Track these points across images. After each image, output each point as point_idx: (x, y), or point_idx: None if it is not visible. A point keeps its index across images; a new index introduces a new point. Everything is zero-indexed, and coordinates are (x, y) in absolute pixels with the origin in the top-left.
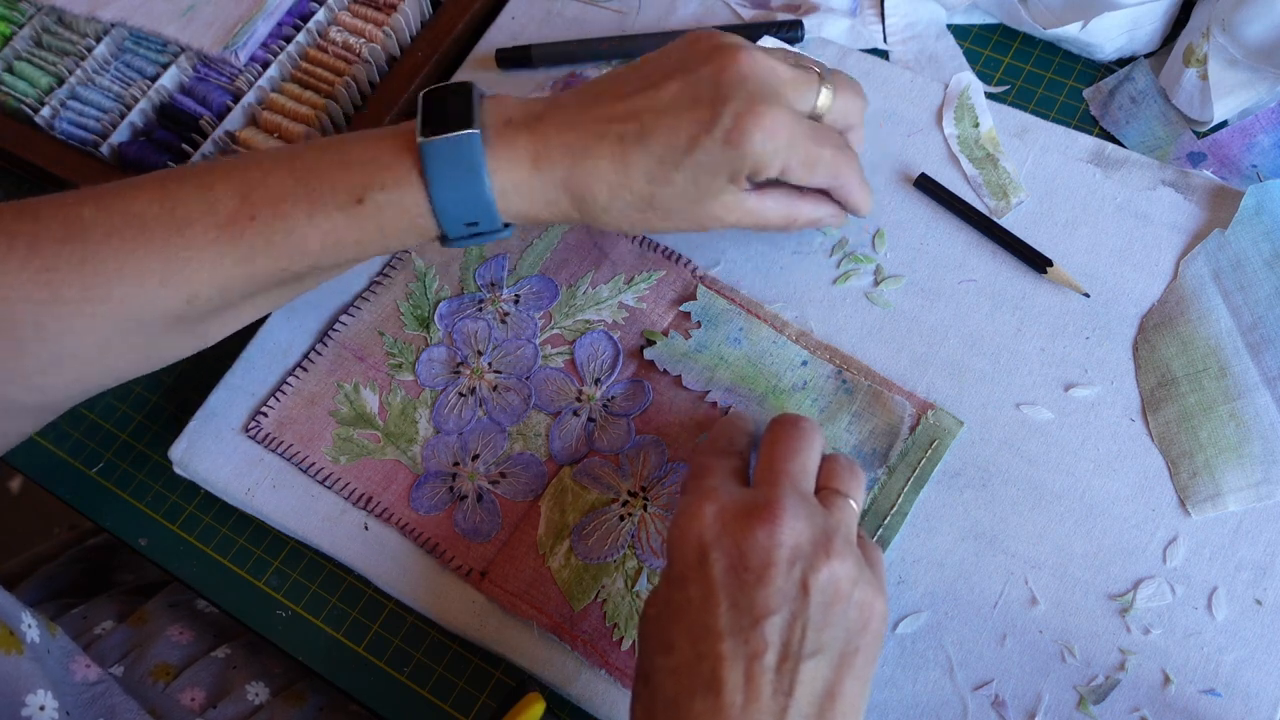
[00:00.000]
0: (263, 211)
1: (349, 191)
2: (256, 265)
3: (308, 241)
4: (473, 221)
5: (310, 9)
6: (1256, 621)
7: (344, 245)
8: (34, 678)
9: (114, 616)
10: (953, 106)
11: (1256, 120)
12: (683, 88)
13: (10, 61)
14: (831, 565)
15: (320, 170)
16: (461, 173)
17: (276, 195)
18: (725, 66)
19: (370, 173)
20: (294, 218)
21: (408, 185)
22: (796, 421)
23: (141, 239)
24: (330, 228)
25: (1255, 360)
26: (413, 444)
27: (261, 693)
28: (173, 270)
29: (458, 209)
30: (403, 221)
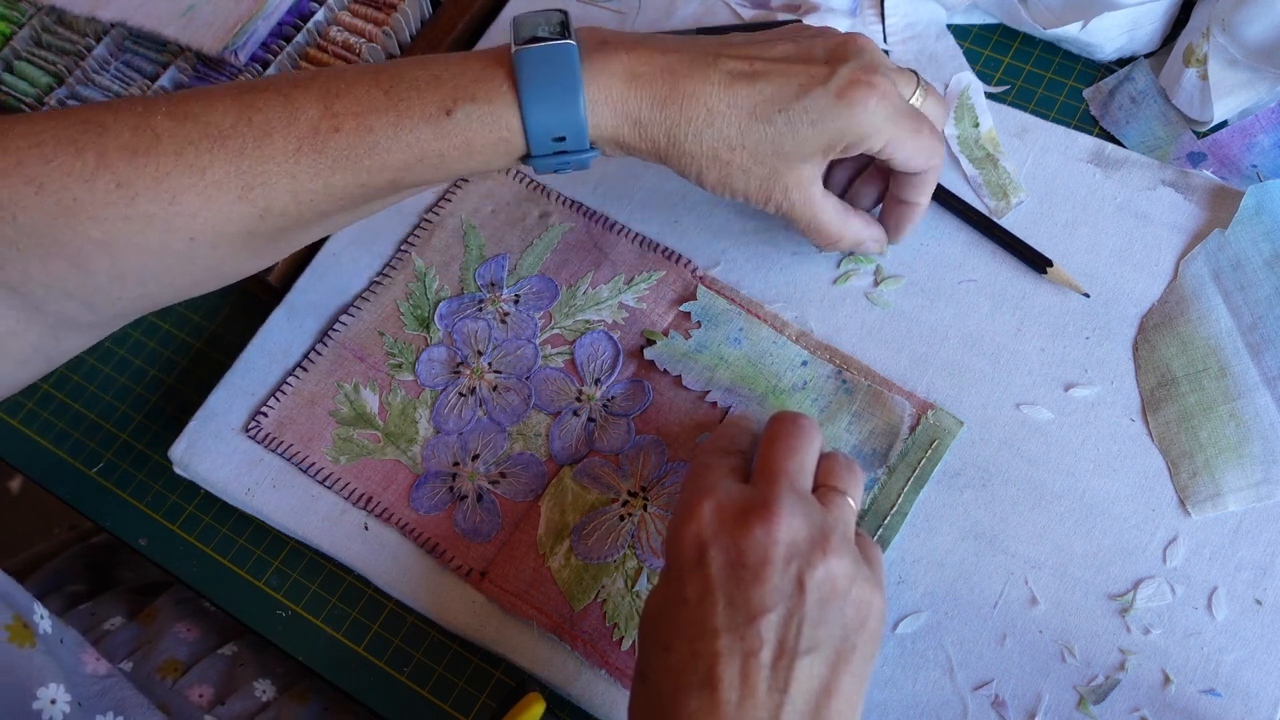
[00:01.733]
0: (347, 123)
1: (439, 104)
2: (336, 179)
3: (391, 155)
4: (560, 136)
5: (310, 9)
6: (1256, 621)
7: (427, 160)
8: (46, 670)
9: (123, 613)
10: (953, 106)
11: (1256, 120)
12: (797, 48)
13: (10, 61)
14: (828, 563)
15: (408, 82)
16: (555, 81)
17: (363, 106)
18: (841, 39)
19: (461, 85)
20: (380, 130)
21: (499, 96)
22: (795, 419)
23: (219, 150)
24: (415, 140)
25: (1255, 360)
26: (413, 444)
27: (269, 690)
28: (251, 183)
29: (548, 121)
30: (491, 135)
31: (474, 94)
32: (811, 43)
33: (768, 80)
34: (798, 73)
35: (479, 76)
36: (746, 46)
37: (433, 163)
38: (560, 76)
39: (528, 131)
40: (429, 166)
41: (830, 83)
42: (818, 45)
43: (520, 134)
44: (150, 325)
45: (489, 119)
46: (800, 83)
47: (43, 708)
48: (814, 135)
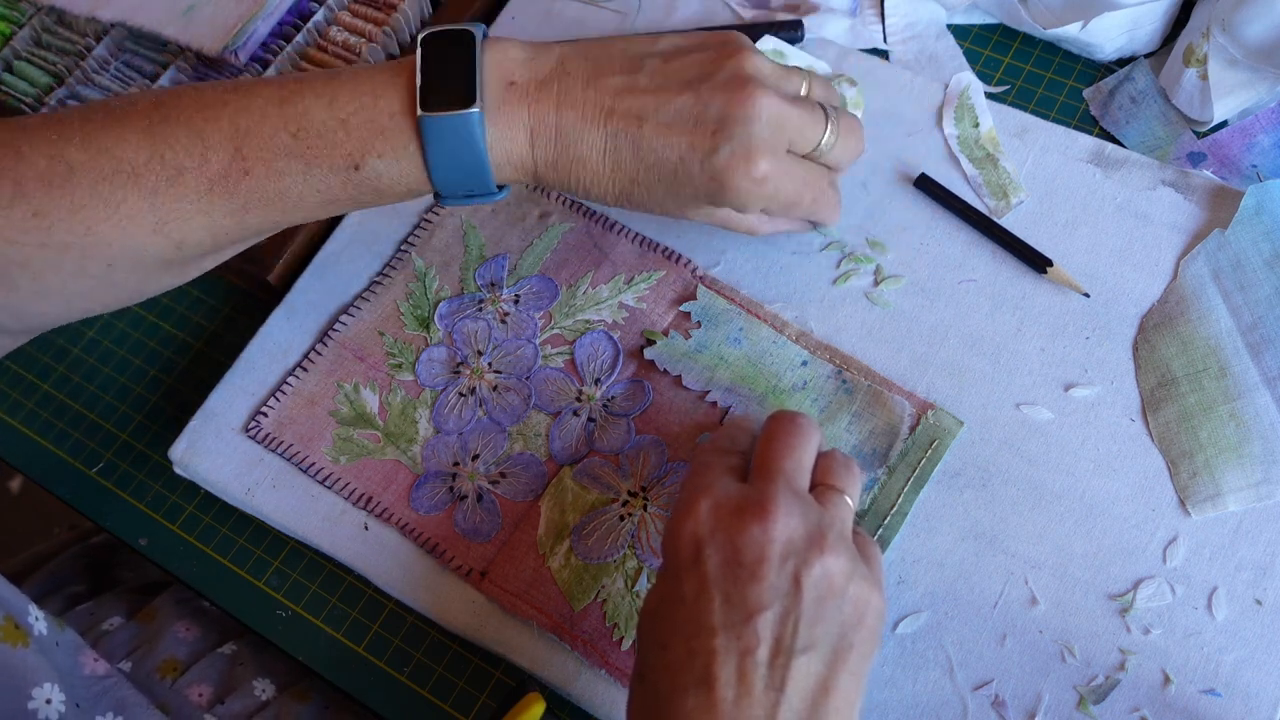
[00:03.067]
0: (257, 168)
1: (346, 157)
2: (249, 217)
3: (304, 199)
4: (469, 190)
5: (310, 9)
6: (1256, 621)
7: (339, 203)
8: (40, 670)
9: (122, 613)
10: (953, 106)
11: (1256, 120)
12: (693, 104)
13: (10, 61)
14: (824, 560)
15: (315, 128)
16: (461, 150)
17: (271, 152)
18: (740, 101)
19: (367, 139)
20: (290, 175)
21: (406, 155)
22: (793, 418)
23: (133, 187)
24: (325, 187)
25: (1255, 360)
26: (413, 444)
27: (268, 689)
28: (165, 219)
29: (455, 180)
30: (401, 186)
31: (381, 150)
32: (711, 100)
33: (649, 146)
34: (682, 144)
35: (386, 130)
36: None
37: (345, 203)
38: (464, 148)
39: (436, 185)
40: (341, 205)
41: (707, 162)
42: (715, 105)
43: (427, 184)
44: (150, 325)
45: (398, 172)
46: (681, 155)
47: (38, 708)
48: (691, 198)
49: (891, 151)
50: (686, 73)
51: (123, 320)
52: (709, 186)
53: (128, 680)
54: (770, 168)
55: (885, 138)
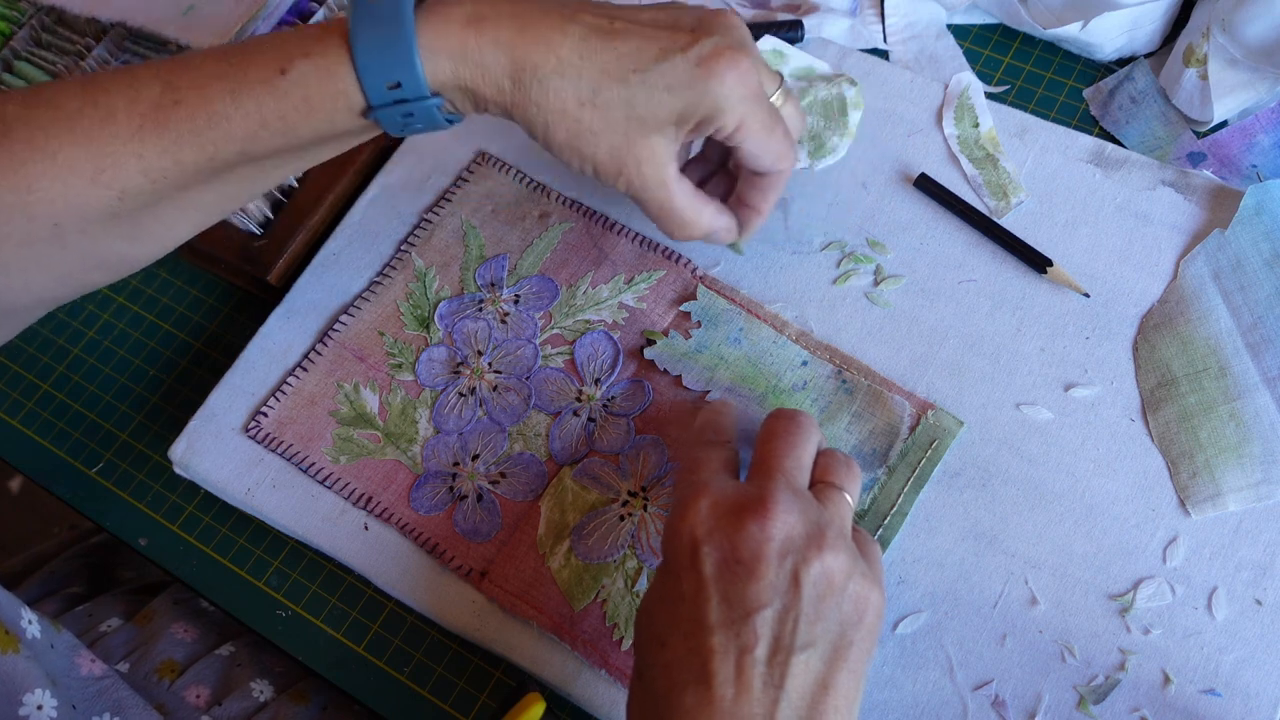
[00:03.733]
0: (187, 95)
1: (274, 64)
2: (184, 154)
3: (233, 123)
4: (395, 83)
5: (310, 9)
6: (1256, 621)
7: (270, 125)
8: (31, 676)
9: (120, 614)
10: (953, 106)
11: (1256, 120)
12: (665, 14)
13: (10, 61)
14: (823, 558)
15: (249, 49)
16: (384, 26)
17: (203, 77)
18: (712, 12)
19: (296, 43)
20: (219, 98)
21: (331, 49)
22: (793, 416)
23: (67, 134)
24: (255, 105)
25: (1255, 360)
26: (413, 444)
27: (266, 690)
28: (101, 165)
29: (380, 67)
30: (328, 89)
31: (308, 50)
32: (681, 12)
33: (626, 39)
34: (660, 36)
35: (316, 35)
36: (610, 7)
37: (277, 127)
38: (389, 21)
39: (362, 80)
40: (274, 132)
41: (691, 50)
42: (686, 15)
43: (356, 85)
44: (150, 325)
45: (323, 72)
46: (661, 45)
47: (29, 713)
48: (669, 101)
49: (891, 151)
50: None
51: (123, 320)
52: (693, 78)
53: (125, 682)
54: (753, 70)
55: (885, 138)
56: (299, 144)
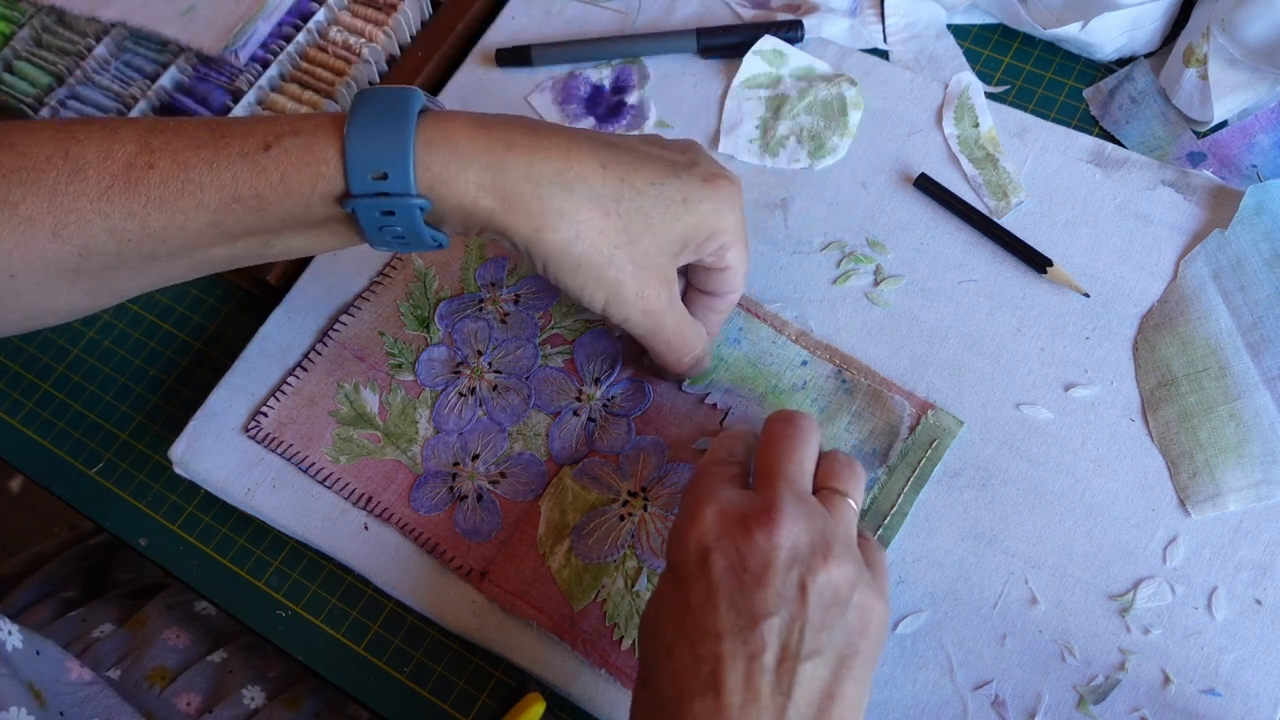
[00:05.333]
0: (163, 159)
1: (260, 138)
2: (152, 220)
3: (206, 194)
4: (381, 173)
5: (310, 9)
6: (1256, 621)
7: (245, 201)
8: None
9: (113, 620)
10: (953, 106)
11: (1256, 120)
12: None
13: (10, 61)
14: (829, 569)
15: (239, 122)
16: (386, 113)
17: (183, 142)
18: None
19: (289, 123)
20: (195, 166)
21: (323, 130)
22: (791, 419)
23: (32, 184)
24: (231, 178)
25: (1255, 360)
26: (413, 444)
27: (258, 697)
28: (64, 221)
29: (369, 150)
30: (307, 167)
31: (299, 128)
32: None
33: (636, 154)
34: (665, 155)
35: (310, 116)
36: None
37: (251, 204)
38: (391, 110)
39: (346, 163)
40: (248, 209)
41: (697, 169)
42: (672, 143)
43: (338, 166)
44: (150, 325)
45: (306, 150)
46: (670, 161)
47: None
48: (683, 214)
49: (891, 151)
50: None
51: (123, 320)
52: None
53: (115, 689)
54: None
55: (885, 138)
56: (269, 226)
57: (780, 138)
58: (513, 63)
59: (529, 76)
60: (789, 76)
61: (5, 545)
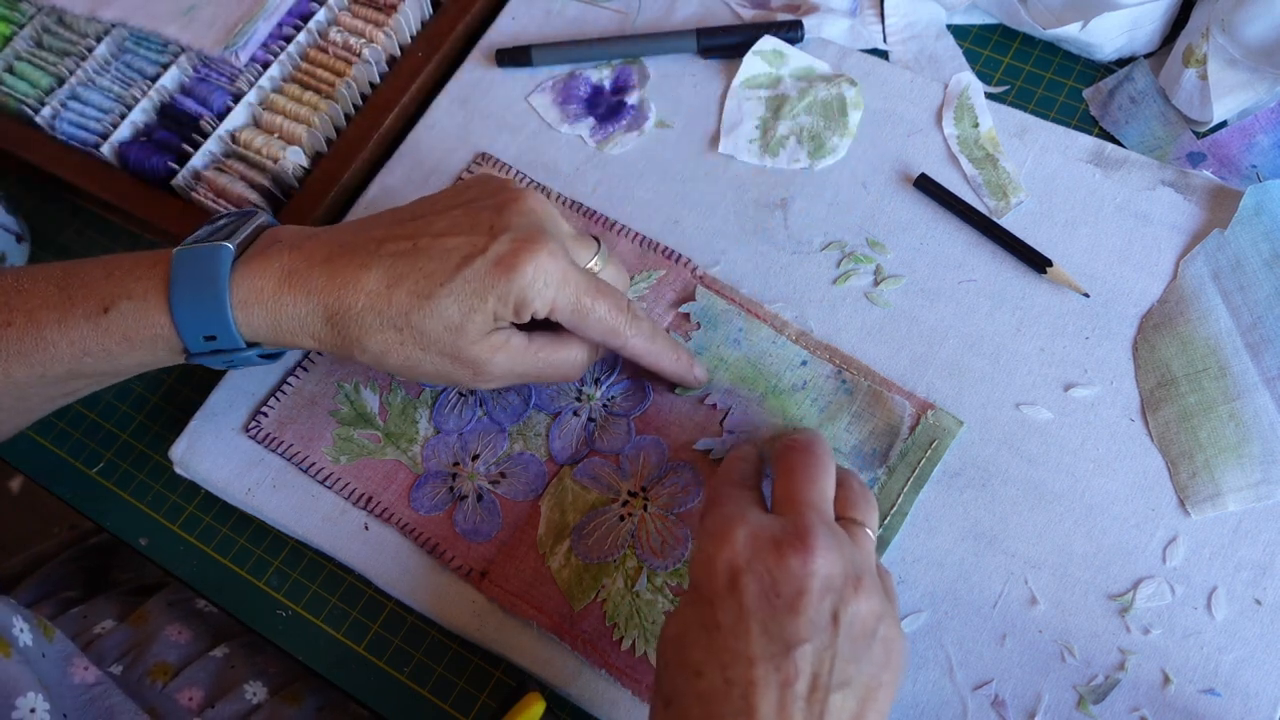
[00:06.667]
0: (18, 318)
1: (98, 301)
2: (14, 371)
3: (59, 349)
4: (211, 335)
5: (310, 9)
6: (1256, 621)
7: (94, 355)
8: (23, 680)
9: (114, 616)
10: (953, 106)
11: (1256, 120)
12: (465, 214)
13: (11, 62)
14: (859, 601)
15: (84, 278)
16: (202, 281)
17: (36, 302)
18: (511, 200)
19: (122, 282)
20: (46, 325)
21: (152, 294)
22: (809, 448)
23: None
24: (79, 336)
25: (1255, 360)
26: (413, 444)
27: (259, 692)
28: None
29: (195, 319)
30: (146, 331)
31: (130, 291)
32: (482, 206)
33: (429, 256)
34: (460, 245)
35: (142, 274)
36: (417, 222)
37: (100, 356)
38: (206, 278)
39: (179, 330)
40: (98, 360)
41: (490, 251)
42: (486, 209)
43: (173, 331)
44: None
45: (142, 316)
46: (462, 254)
47: (22, 716)
48: (478, 304)
49: (891, 151)
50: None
51: None
52: (493, 276)
53: (118, 685)
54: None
55: (885, 138)
56: (125, 369)
57: (780, 138)
58: (513, 63)
59: (529, 76)
60: (789, 77)
61: (5, 545)
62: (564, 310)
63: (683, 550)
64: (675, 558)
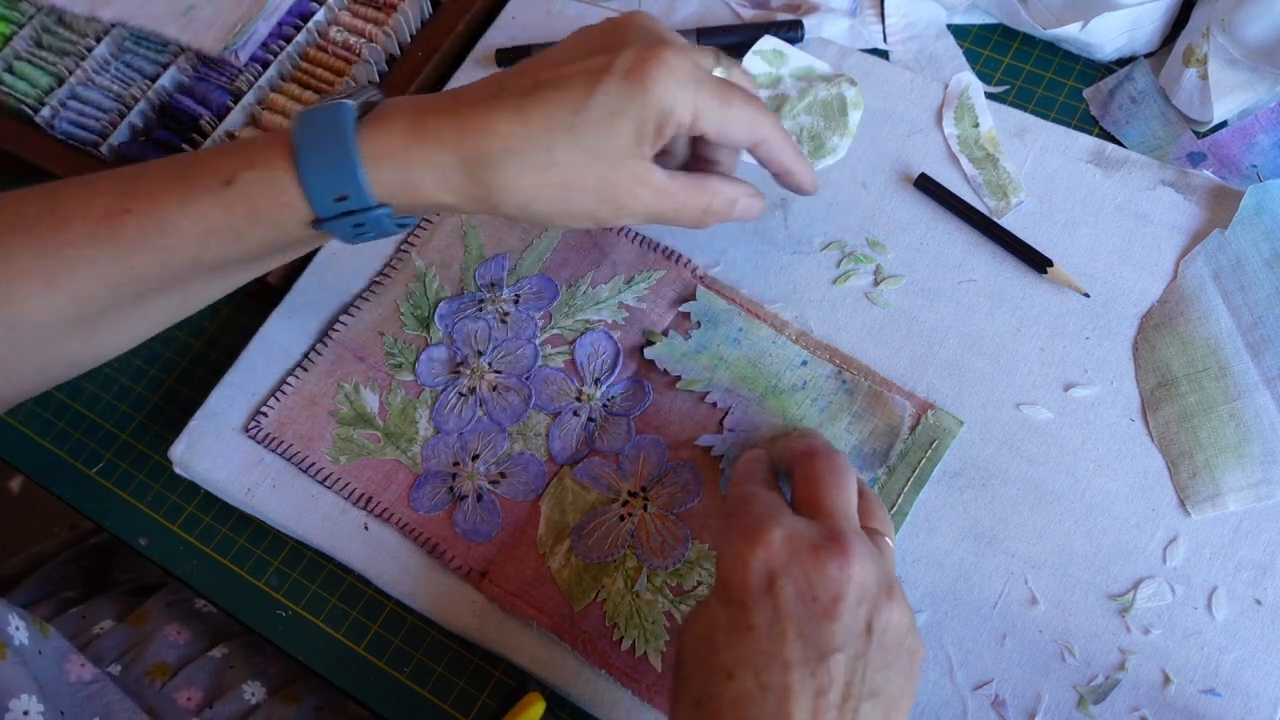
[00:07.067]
0: (138, 204)
1: (220, 175)
2: (136, 261)
3: (182, 232)
4: (341, 195)
5: (310, 9)
6: (1256, 621)
7: (219, 234)
8: (18, 682)
9: (113, 616)
10: (953, 106)
11: (1256, 120)
12: (576, 43)
13: (10, 61)
14: (892, 610)
15: (200, 160)
16: (327, 137)
17: (154, 186)
18: (620, 21)
19: (243, 154)
20: (167, 206)
21: (276, 159)
22: (833, 456)
23: (22, 240)
24: (201, 214)
25: (1255, 360)
26: (413, 444)
27: (258, 692)
28: (55, 271)
29: (324, 180)
30: (273, 200)
31: (252, 161)
32: (593, 33)
33: (554, 88)
34: (581, 72)
35: (262, 145)
36: (531, 63)
37: (225, 235)
38: (331, 133)
39: (307, 193)
40: (224, 240)
41: (615, 68)
42: (599, 32)
43: (301, 196)
44: None
45: (268, 184)
46: (585, 80)
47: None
48: (620, 125)
49: (891, 151)
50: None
51: None
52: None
53: (117, 684)
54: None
55: (885, 138)
56: (250, 252)
57: None
58: (513, 63)
59: None
60: (789, 76)
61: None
62: (707, 111)
63: (683, 550)
64: (675, 558)
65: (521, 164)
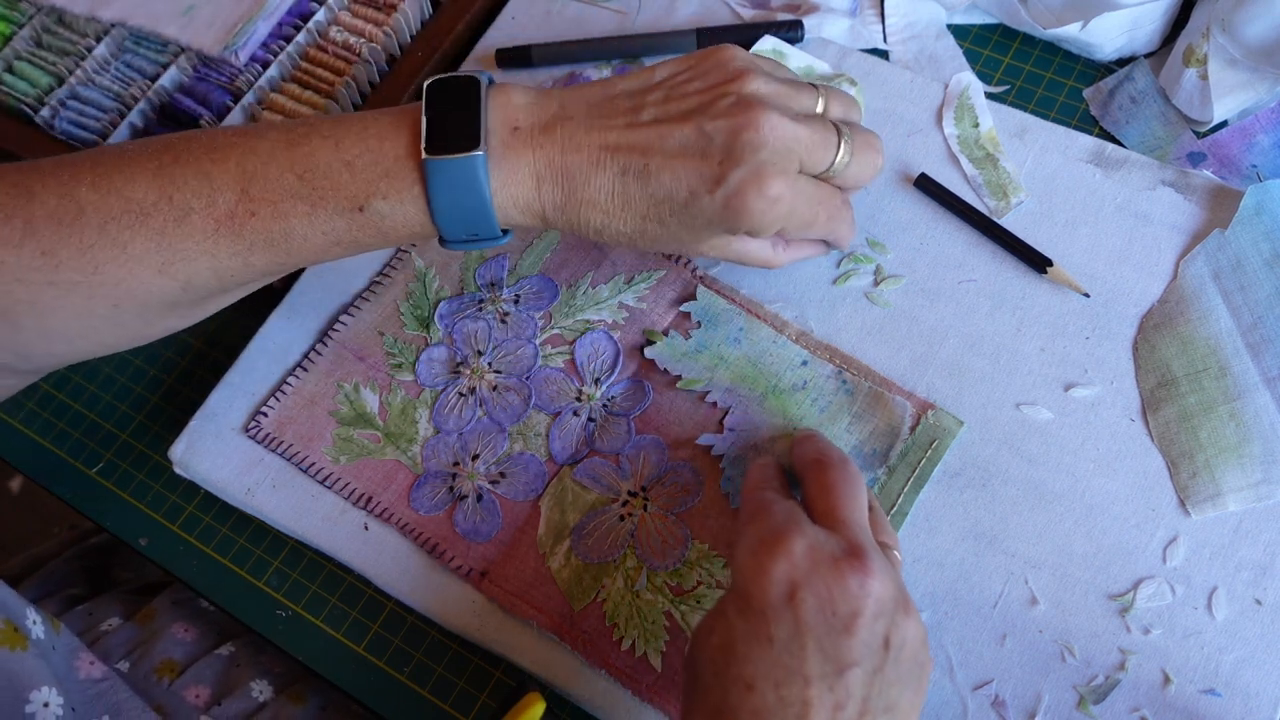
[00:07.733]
0: (263, 209)
1: (350, 199)
2: (255, 258)
3: (309, 241)
4: (473, 233)
5: (310, 9)
6: (1256, 621)
7: (344, 244)
8: (38, 674)
9: (120, 614)
10: (953, 106)
11: (1256, 120)
12: (697, 135)
13: (10, 61)
14: (908, 625)
15: (321, 168)
16: (464, 193)
17: (277, 193)
18: (745, 125)
19: (372, 180)
20: (295, 216)
21: (410, 197)
22: (846, 465)
23: (140, 227)
24: (330, 228)
25: (1255, 360)
26: (413, 444)
27: (265, 690)
28: (171, 259)
29: (459, 222)
30: (404, 229)
31: (385, 191)
32: (715, 128)
33: (658, 180)
34: (690, 175)
35: (390, 172)
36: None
37: (349, 245)
38: (468, 190)
39: (440, 228)
40: (346, 248)
41: (718, 191)
42: (720, 132)
43: (432, 227)
44: None
45: (401, 215)
46: (691, 187)
47: (35, 711)
48: (710, 229)
49: (891, 151)
50: (688, 103)
51: None
52: (723, 215)
53: (125, 681)
54: (783, 188)
55: (885, 138)
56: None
57: None
58: (513, 63)
59: (529, 76)
60: None
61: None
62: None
63: (683, 550)
64: (675, 558)
65: (615, 233)
